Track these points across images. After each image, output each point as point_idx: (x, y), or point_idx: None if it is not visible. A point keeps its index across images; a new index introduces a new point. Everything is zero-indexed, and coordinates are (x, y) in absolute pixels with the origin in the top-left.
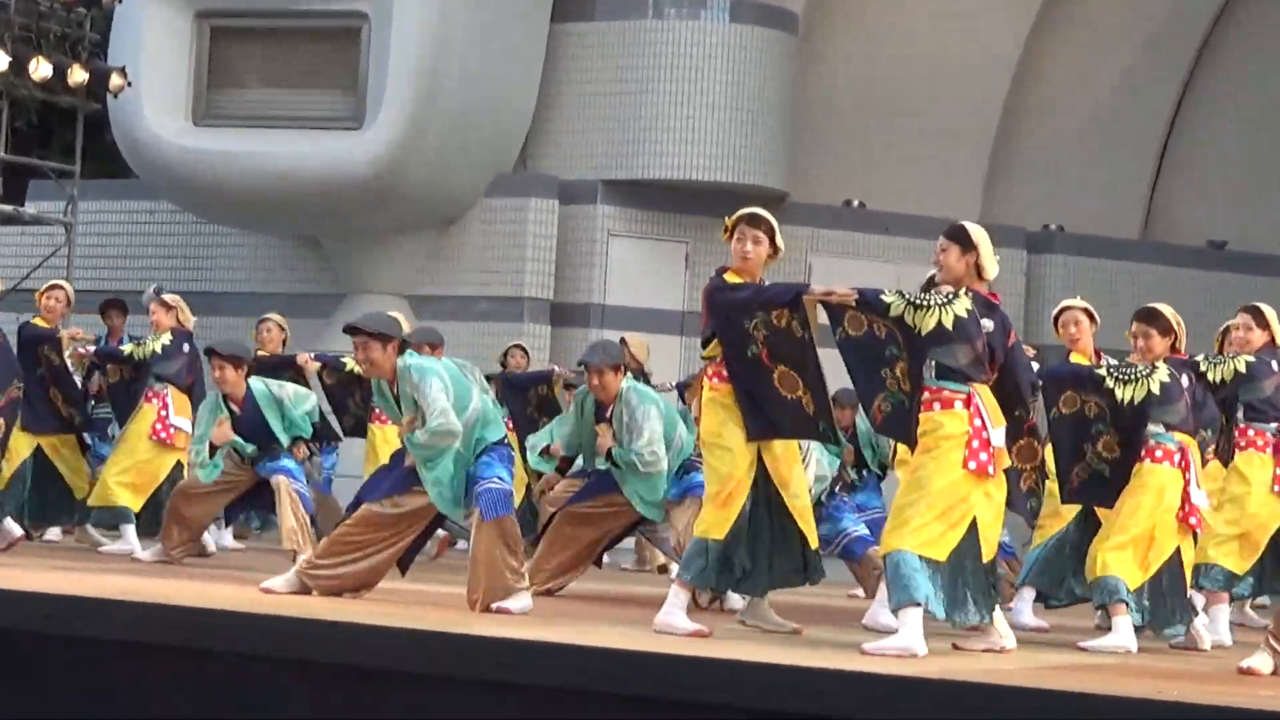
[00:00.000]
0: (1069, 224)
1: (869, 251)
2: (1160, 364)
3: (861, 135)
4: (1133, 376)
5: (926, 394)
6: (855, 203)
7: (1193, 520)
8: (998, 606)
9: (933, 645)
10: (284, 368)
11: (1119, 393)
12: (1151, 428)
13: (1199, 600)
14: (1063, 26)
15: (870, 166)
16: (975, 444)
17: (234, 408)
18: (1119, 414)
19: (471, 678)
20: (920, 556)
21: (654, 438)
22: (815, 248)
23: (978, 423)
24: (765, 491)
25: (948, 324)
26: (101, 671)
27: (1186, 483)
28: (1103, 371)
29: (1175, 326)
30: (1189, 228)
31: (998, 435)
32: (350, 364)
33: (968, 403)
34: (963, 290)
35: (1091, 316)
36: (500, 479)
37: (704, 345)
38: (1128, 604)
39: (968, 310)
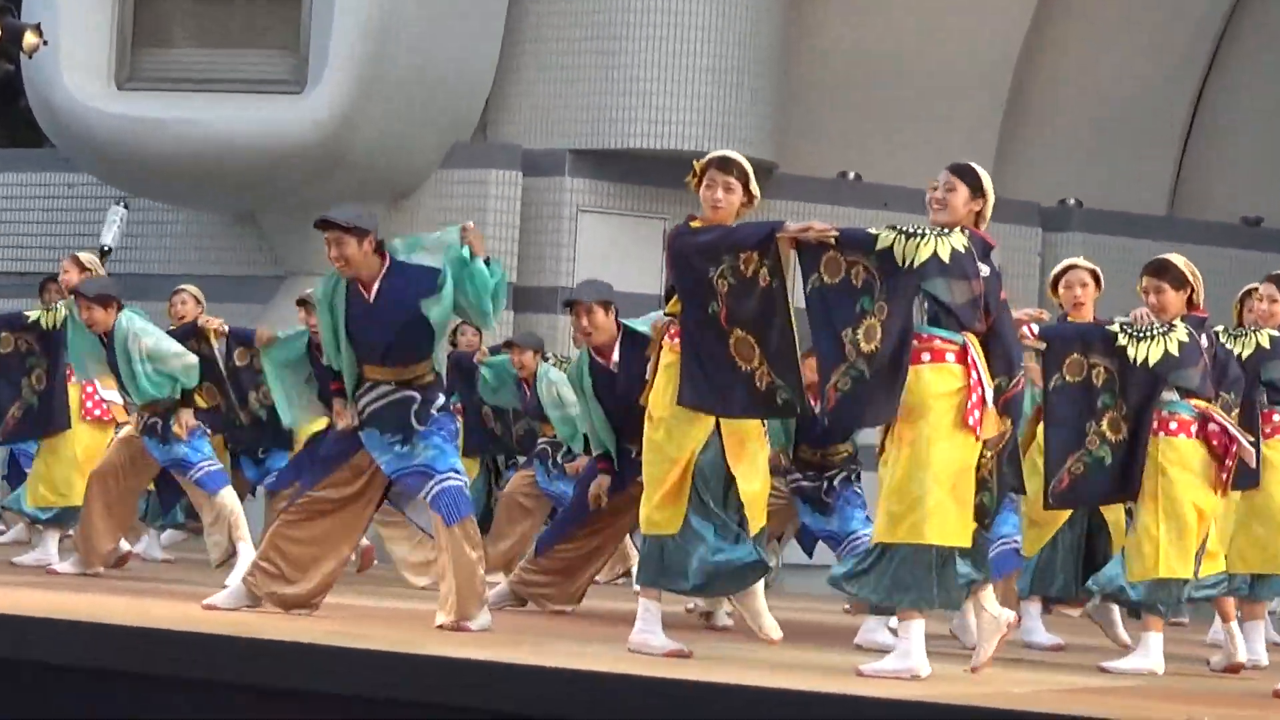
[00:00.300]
0: (1088, 200)
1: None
2: (1178, 322)
3: (857, 105)
4: (1149, 334)
5: (916, 343)
6: (851, 175)
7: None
8: (987, 588)
9: (936, 666)
10: (189, 337)
11: (1132, 351)
12: (1165, 395)
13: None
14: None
15: (866, 138)
16: (972, 399)
17: (104, 341)
18: (1129, 378)
19: (432, 701)
20: (939, 548)
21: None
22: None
23: (973, 377)
24: (719, 470)
25: (944, 255)
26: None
27: (1222, 450)
28: (1115, 327)
29: (1190, 279)
30: (1219, 204)
31: (989, 394)
32: None
33: (961, 355)
34: (959, 228)
35: (1098, 280)
36: (455, 471)
37: (665, 299)
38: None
39: (965, 246)
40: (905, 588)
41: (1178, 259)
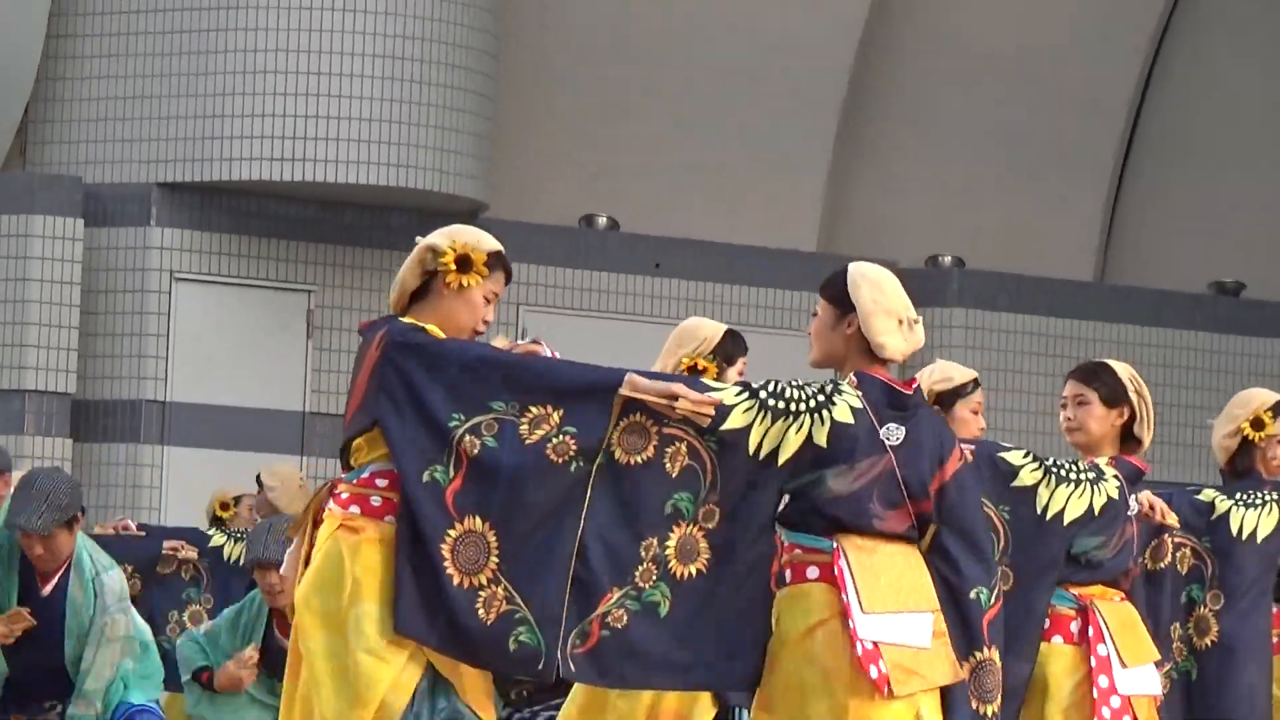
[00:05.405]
0: (972, 259)
1: (629, 304)
2: (1102, 464)
3: (614, 125)
4: (1070, 476)
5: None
6: (602, 220)
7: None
8: None
9: None
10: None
11: (1042, 497)
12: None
13: None
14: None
15: (624, 170)
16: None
17: None
18: (1022, 534)
19: None
20: None
21: None
22: (533, 297)
23: (845, 598)
24: None
25: (819, 438)
26: None
27: (1092, 667)
28: (1021, 459)
29: (1133, 395)
30: (1172, 267)
31: (883, 624)
32: None
33: (827, 569)
34: (846, 379)
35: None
36: None
37: (348, 442)
38: None
39: (853, 409)
40: None
41: (1120, 367)
